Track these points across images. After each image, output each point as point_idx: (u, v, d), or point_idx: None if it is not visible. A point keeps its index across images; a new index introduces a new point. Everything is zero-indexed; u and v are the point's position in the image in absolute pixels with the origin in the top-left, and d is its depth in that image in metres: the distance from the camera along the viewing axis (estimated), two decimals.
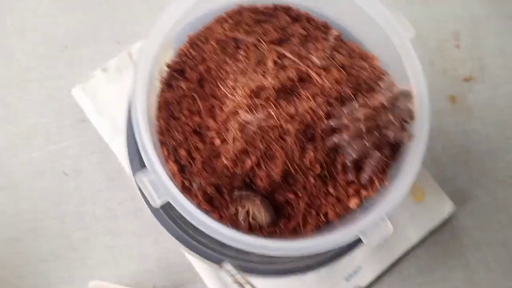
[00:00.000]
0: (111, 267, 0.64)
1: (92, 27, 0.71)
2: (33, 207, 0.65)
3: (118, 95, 0.65)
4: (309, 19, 0.51)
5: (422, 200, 0.69)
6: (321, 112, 0.43)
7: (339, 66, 0.46)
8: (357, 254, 0.64)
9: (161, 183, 0.39)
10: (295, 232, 0.45)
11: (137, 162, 0.42)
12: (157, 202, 0.39)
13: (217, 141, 0.44)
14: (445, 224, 0.70)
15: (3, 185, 0.65)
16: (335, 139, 0.43)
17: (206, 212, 0.46)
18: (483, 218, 0.72)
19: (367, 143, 0.42)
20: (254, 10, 0.49)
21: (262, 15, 0.49)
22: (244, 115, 0.42)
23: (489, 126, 0.76)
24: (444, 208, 0.69)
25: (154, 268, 0.64)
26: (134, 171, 0.44)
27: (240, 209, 0.44)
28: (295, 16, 0.51)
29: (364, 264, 0.66)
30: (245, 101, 0.42)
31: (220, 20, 0.48)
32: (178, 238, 0.45)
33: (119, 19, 0.71)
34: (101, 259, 0.64)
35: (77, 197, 0.65)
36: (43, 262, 0.63)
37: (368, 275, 0.65)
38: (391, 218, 0.44)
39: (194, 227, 0.40)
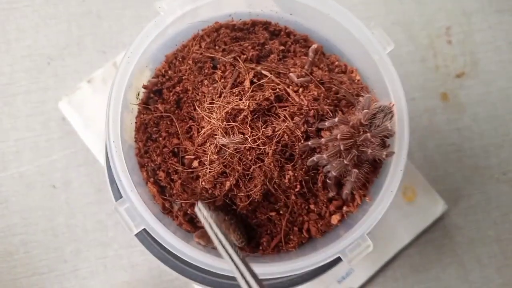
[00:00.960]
0: (103, 277, 0.64)
1: (77, 37, 0.70)
2: (24, 221, 0.65)
3: (104, 108, 0.64)
4: (289, 33, 0.50)
5: (414, 200, 0.69)
6: (299, 132, 0.43)
7: (318, 82, 0.45)
8: None
9: (137, 213, 0.39)
10: (278, 250, 0.45)
11: (116, 188, 0.42)
12: (134, 231, 0.39)
13: (195, 163, 0.44)
14: (437, 222, 0.70)
15: None
16: (314, 158, 0.43)
17: (188, 232, 0.46)
18: (475, 215, 0.72)
19: (345, 161, 0.41)
20: (231, 27, 0.48)
21: (240, 32, 0.48)
22: (221, 138, 0.41)
23: (482, 123, 0.75)
24: (436, 207, 0.69)
25: (146, 277, 0.65)
26: (115, 196, 0.44)
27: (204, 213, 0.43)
28: (275, 31, 0.50)
29: (357, 266, 0.66)
30: (221, 124, 0.42)
31: (197, 38, 0.47)
32: (159, 258, 0.45)
33: (104, 29, 0.71)
34: (93, 270, 0.64)
35: (67, 209, 0.66)
36: (37, 275, 0.64)
37: (361, 277, 0.66)
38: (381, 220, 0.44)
39: None
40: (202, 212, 0.39)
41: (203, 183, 0.42)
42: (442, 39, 0.77)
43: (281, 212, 0.45)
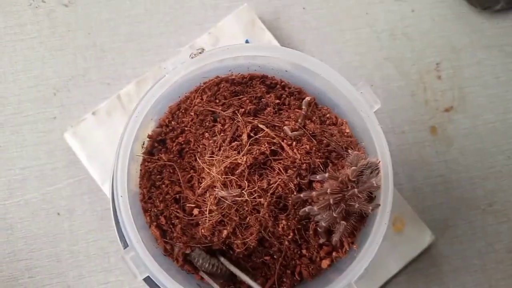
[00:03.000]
0: None
1: (82, 69, 0.73)
2: (29, 247, 0.68)
3: (108, 139, 0.68)
4: (284, 86, 0.53)
5: (402, 231, 0.72)
6: (292, 185, 0.46)
7: (310, 135, 0.48)
8: None
9: (141, 261, 0.43)
10: None
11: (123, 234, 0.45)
12: (139, 278, 0.43)
13: (195, 211, 0.47)
14: (425, 252, 0.73)
15: None
16: (306, 209, 0.46)
17: (189, 273, 0.49)
18: (461, 245, 0.75)
19: (335, 214, 0.45)
20: (231, 81, 0.51)
21: (238, 86, 0.51)
22: (220, 191, 0.45)
23: (469, 156, 0.78)
24: (424, 238, 0.72)
25: None
26: (121, 241, 0.47)
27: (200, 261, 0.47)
28: (271, 84, 0.53)
29: None
30: (220, 177, 0.45)
31: (199, 91, 0.50)
32: None
33: (108, 62, 0.74)
34: None
35: (71, 236, 0.69)
36: None
37: None
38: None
39: None
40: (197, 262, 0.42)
41: (202, 230, 0.46)
42: (432, 74, 0.80)
43: (275, 256, 0.48)
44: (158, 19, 0.76)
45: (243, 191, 0.45)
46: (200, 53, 0.47)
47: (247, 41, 0.71)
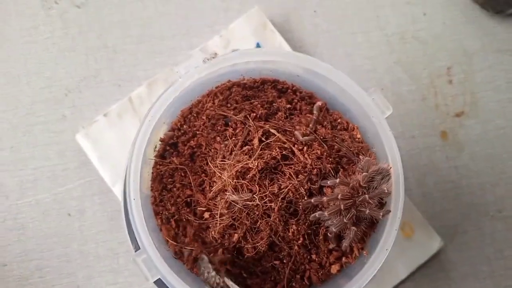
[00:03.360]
0: None
1: (93, 70, 0.74)
2: (40, 247, 0.69)
3: (119, 141, 0.68)
4: (295, 91, 0.53)
5: (411, 236, 0.72)
6: (302, 190, 0.46)
7: (321, 140, 0.49)
8: None
9: (153, 264, 0.43)
10: None
11: (132, 232, 0.46)
12: (150, 280, 0.43)
13: (206, 215, 0.47)
14: (433, 257, 0.73)
15: (11, 226, 0.69)
16: (316, 214, 0.46)
17: (198, 276, 0.49)
18: (470, 251, 0.75)
19: (345, 220, 0.45)
20: (242, 86, 0.51)
21: (250, 90, 0.52)
22: (231, 195, 0.45)
23: (479, 161, 0.78)
24: (432, 243, 0.72)
25: None
26: (133, 243, 0.48)
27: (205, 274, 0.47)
28: (282, 89, 0.53)
29: None
30: (231, 181, 0.45)
31: (211, 95, 0.51)
32: None
33: (119, 63, 0.74)
34: None
35: (81, 237, 0.69)
36: None
37: None
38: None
39: None
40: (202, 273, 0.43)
41: (213, 233, 0.46)
42: (443, 79, 0.80)
43: (284, 261, 0.48)
44: (170, 21, 0.76)
45: (254, 196, 0.45)
46: (213, 57, 0.47)
47: (258, 44, 0.72)
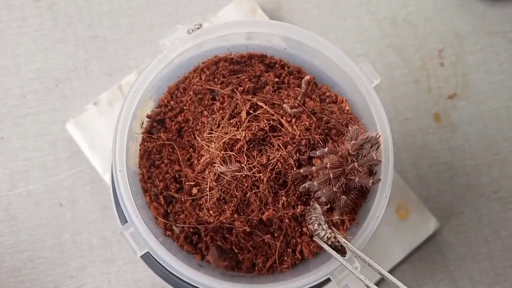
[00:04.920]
0: None
1: (83, 61, 0.73)
2: (32, 238, 0.68)
3: (109, 129, 0.68)
4: (283, 66, 0.53)
5: (406, 218, 0.72)
6: (291, 161, 0.46)
7: (310, 112, 0.48)
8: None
9: (141, 237, 0.42)
10: (272, 271, 0.48)
11: (121, 210, 0.45)
12: (138, 253, 0.42)
13: (195, 190, 0.47)
14: (430, 239, 0.72)
15: (2, 218, 0.68)
16: (306, 185, 0.46)
17: (189, 253, 0.49)
18: (467, 233, 0.74)
19: (335, 189, 0.44)
20: (229, 60, 0.51)
21: (237, 65, 0.51)
22: (219, 166, 0.44)
23: (473, 142, 0.77)
24: (428, 225, 0.71)
25: None
26: (120, 217, 0.47)
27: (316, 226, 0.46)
28: (270, 63, 0.53)
29: (351, 283, 0.68)
30: (219, 153, 0.45)
31: (198, 70, 0.50)
32: (162, 277, 0.48)
33: (109, 53, 0.74)
34: (98, 285, 0.67)
35: (73, 226, 0.69)
36: None
37: None
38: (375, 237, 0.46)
39: None
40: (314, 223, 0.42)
41: (204, 207, 0.46)
42: (435, 61, 0.80)
43: (275, 234, 0.48)
44: (160, 10, 0.76)
45: (242, 166, 0.44)
46: (198, 28, 0.47)
47: None
